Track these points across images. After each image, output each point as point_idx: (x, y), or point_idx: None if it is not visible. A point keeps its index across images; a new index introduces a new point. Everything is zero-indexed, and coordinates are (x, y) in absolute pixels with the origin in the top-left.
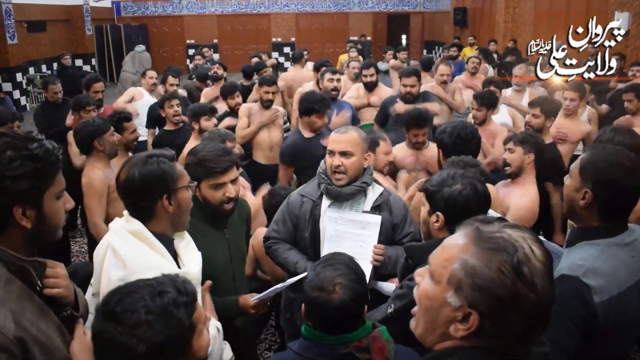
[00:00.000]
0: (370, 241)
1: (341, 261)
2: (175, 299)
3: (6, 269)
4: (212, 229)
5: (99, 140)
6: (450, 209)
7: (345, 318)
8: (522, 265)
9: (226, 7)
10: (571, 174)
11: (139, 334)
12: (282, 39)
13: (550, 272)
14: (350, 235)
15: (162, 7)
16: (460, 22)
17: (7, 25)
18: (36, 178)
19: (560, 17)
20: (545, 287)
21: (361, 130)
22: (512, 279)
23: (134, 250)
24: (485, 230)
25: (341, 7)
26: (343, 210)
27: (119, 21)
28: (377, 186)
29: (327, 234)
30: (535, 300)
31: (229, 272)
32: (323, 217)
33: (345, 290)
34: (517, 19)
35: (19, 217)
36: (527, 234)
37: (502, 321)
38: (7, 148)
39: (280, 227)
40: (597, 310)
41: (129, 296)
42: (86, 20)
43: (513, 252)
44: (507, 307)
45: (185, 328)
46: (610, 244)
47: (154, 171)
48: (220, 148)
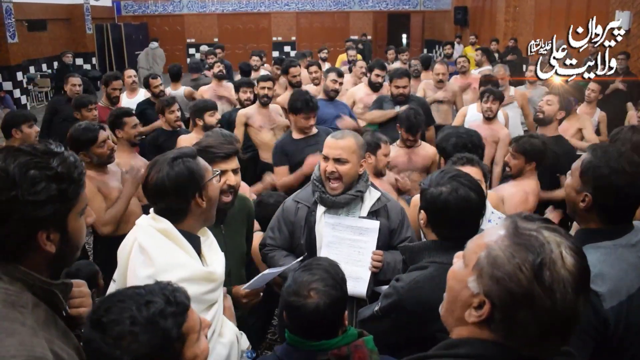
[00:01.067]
0: (368, 247)
1: (320, 266)
2: (162, 310)
3: (32, 293)
4: None
5: (85, 153)
6: (431, 210)
7: (321, 323)
8: (544, 268)
9: (227, 6)
10: (572, 172)
11: (124, 345)
12: (283, 38)
13: (579, 286)
14: (348, 241)
15: (162, 6)
16: (460, 21)
17: (8, 24)
18: (60, 200)
19: (561, 16)
20: (566, 298)
21: (359, 136)
22: (529, 278)
23: (162, 248)
24: (523, 226)
25: (342, 6)
26: (340, 216)
27: (120, 20)
28: (374, 191)
29: (324, 240)
30: (550, 307)
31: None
32: (318, 223)
33: (320, 295)
34: (517, 18)
35: (43, 243)
36: (566, 240)
37: (513, 318)
38: (29, 168)
39: (276, 234)
40: (608, 316)
41: (117, 305)
42: (87, 19)
43: (539, 253)
44: (518, 304)
45: (173, 339)
46: (616, 246)
47: (182, 172)
48: (226, 134)
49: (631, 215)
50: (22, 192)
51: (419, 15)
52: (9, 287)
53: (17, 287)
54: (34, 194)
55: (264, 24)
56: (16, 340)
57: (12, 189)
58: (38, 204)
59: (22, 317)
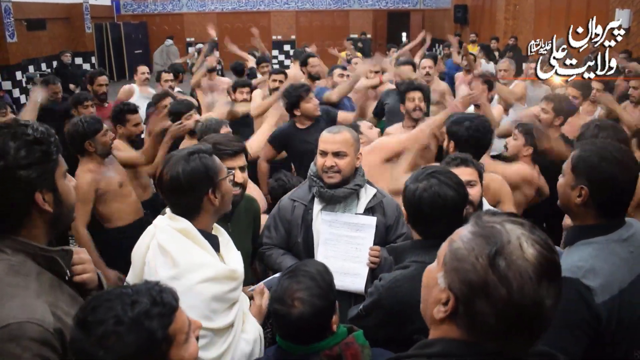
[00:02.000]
0: (366, 243)
1: (306, 273)
2: (147, 310)
3: (34, 262)
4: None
5: (90, 141)
6: (407, 206)
7: (307, 330)
8: (498, 257)
9: (226, 4)
10: (564, 172)
11: (107, 346)
12: (282, 37)
13: (540, 277)
14: (345, 238)
15: (161, 5)
16: (460, 20)
17: (7, 23)
18: (46, 161)
19: (561, 14)
20: (524, 289)
21: (353, 130)
22: (484, 267)
23: (184, 249)
24: (486, 219)
25: (341, 4)
26: (337, 213)
27: (119, 19)
28: (370, 188)
29: (321, 237)
30: (506, 297)
31: None
32: (315, 221)
33: (304, 305)
34: (517, 16)
35: (41, 203)
36: (530, 233)
37: (473, 309)
38: (7, 138)
39: (273, 233)
40: (600, 311)
41: (103, 305)
42: (86, 19)
43: (496, 242)
44: (475, 294)
45: (158, 340)
46: (608, 241)
47: (198, 168)
48: (231, 135)
49: (624, 208)
50: (10, 159)
51: (418, 13)
52: (11, 258)
53: (20, 258)
54: (22, 158)
55: (263, 23)
56: (17, 303)
57: (1, 159)
58: (27, 166)
59: (25, 282)
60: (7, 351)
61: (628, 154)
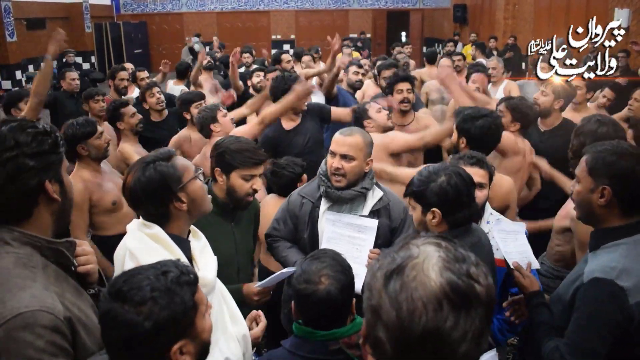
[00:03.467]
0: (366, 245)
1: (327, 255)
2: (178, 277)
3: (40, 254)
4: (220, 220)
5: (83, 145)
6: (443, 201)
7: (333, 309)
8: (394, 278)
9: (225, 4)
10: (579, 178)
11: (145, 311)
12: (282, 36)
13: (441, 304)
14: (347, 238)
15: (161, 5)
16: (460, 19)
17: (7, 23)
18: (54, 152)
19: (560, 14)
20: (414, 314)
21: (367, 134)
22: (380, 287)
23: (150, 252)
24: (411, 239)
25: (341, 4)
26: (341, 213)
27: (119, 19)
28: (378, 190)
29: (325, 235)
30: (396, 321)
31: (233, 264)
32: (321, 219)
33: (331, 280)
34: (517, 16)
35: (51, 191)
36: (446, 255)
37: (374, 334)
38: (17, 131)
39: (281, 226)
40: (633, 312)
41: (135, 277)
42: (85, 18)
43: (397, 262)
44: (375, 317)
45: (189, 306)
46: (636, 241)
47: (153, 178)
48: (254, 142)
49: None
50: (23, 149)
51: (418, 13)
52: (18, 251)
53: (26, 250)
54: (34, 147)
55: (263, 22)
56: (28, 293)
57: (13, 149)
58: (38, 155)
59: (32, 275)
60: (21, 339)
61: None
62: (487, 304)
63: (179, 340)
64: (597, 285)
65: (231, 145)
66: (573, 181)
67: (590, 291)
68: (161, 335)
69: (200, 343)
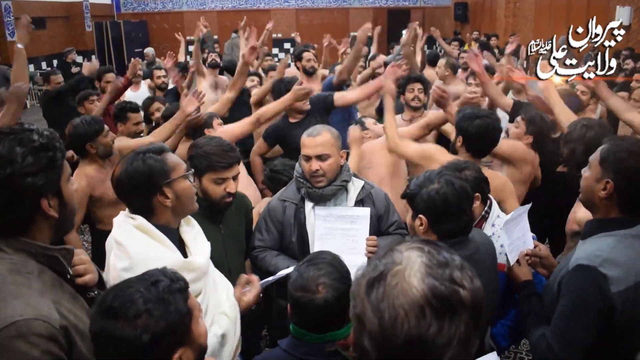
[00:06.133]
0: (361, 234)
1: (324, 260)
2: (169, 286)
3: (35, 261)
4: (207, 222)
5: (92, 143)
6: (431, 210)
7: (330, 317)
8: (375, 285)
9: (226, 2)
10: (590, 165)
11: (141, 324)
12: (283, 35)
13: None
14: (340, 231)
15: (162, 4)
16: (461, 17)
17: (7, 22)
18: (52, 167)
19: (561, 12)
20: (396, 321)
21: (332, 128)
22: (362, 295)
23: (137, 241)
24: (397, 245)
25: (341, 2)
26: (330, 207)
27: (119, 18)
28: (357, 180)
29: (316, 233)
30: (378, 329)
31: (224, 266)
32: (308, 219)
33: (328, 289)
34: (518, 14)
35: (47, 209)
36: (429, 261)
37: (360, 342)
38: (14, 145)
39: (265, 236)
40: (615, 301)
41: (124, 291)
42: (86, 17)
43: (379, 269)
44: (360, 325)
45: (184, 313)
46: (626, 235)
47: (141, 169)
48: (226, 144)
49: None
50: (17, 167)
51: (419, 11)
52: (13, 257)
53: (21, 257)
54: (28, 166)
55: (263, 21)
56: (22, 301)
57: (7, 167)
58: (34, 174)
59: (28, 281)
60: (16, 348)
61: None
62: (472, 307)
63: (178, 349)
64: (580, 272)
65: (200, 149)
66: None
67: (574, 278)
68: (160, 346)
69: (197, 348)
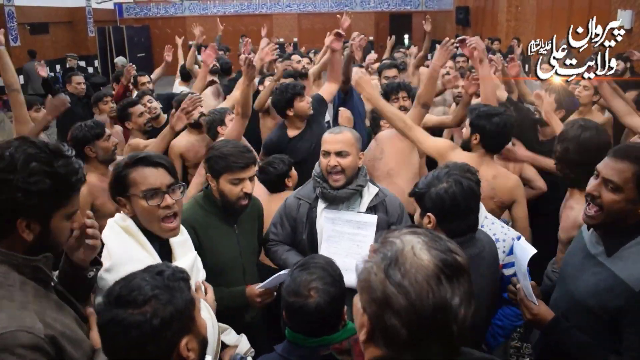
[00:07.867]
0: (367, 241)
1: (317, 265)
2: (173, 274)
3: (17, 272)
4: (222, 223)
5: (91, 147)
6: (439, 208)
7: (323, 321)
8: (393, 268)
9: (228, 7)
10: (621, 187)
11: (149, 310)
12: (285, 40)
13: (439, 279)
14: (347, 235)
15: (164, 9)
16: (462, 21)
17: (10, 27)
18: (50, 196)
19: (562, 15)
20: (422, 294)
21: (354, 130)
22: (382, 280)
23: (120, 243)
24: (387, 235)
25: (343, 6)
26: (339, 211)
27: (121, 23)
28: (373, 187)
29: (324, 234)
30: (407, 305)
31: (238, 267)
32: (319, 219)
33: (320, 294)
34: (519, 18)
35: (21, 230)
36: (425, 238)
37: (385, 324)
38: (32, 160)
39: (279, 230)
40: None
41: (130, 281)
42: (88, 22)
43: (388, 254)
44: (382, 309)
45: (189, 300)
46: None
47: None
48: (242, 145)
49: None
50: (19, 177)
51: (420, 15)
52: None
53: (2, 269)
54: (28, 183)
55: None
56: (5, 314)
57: (11, 173)
58: (27, 192)
59: (9, 294)
60: None
61: None
62: (467, 270)
63: (184, 335)
64: None
65: (217, 151)
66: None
67: None
68: (168, 331)
69: (200, 340)
